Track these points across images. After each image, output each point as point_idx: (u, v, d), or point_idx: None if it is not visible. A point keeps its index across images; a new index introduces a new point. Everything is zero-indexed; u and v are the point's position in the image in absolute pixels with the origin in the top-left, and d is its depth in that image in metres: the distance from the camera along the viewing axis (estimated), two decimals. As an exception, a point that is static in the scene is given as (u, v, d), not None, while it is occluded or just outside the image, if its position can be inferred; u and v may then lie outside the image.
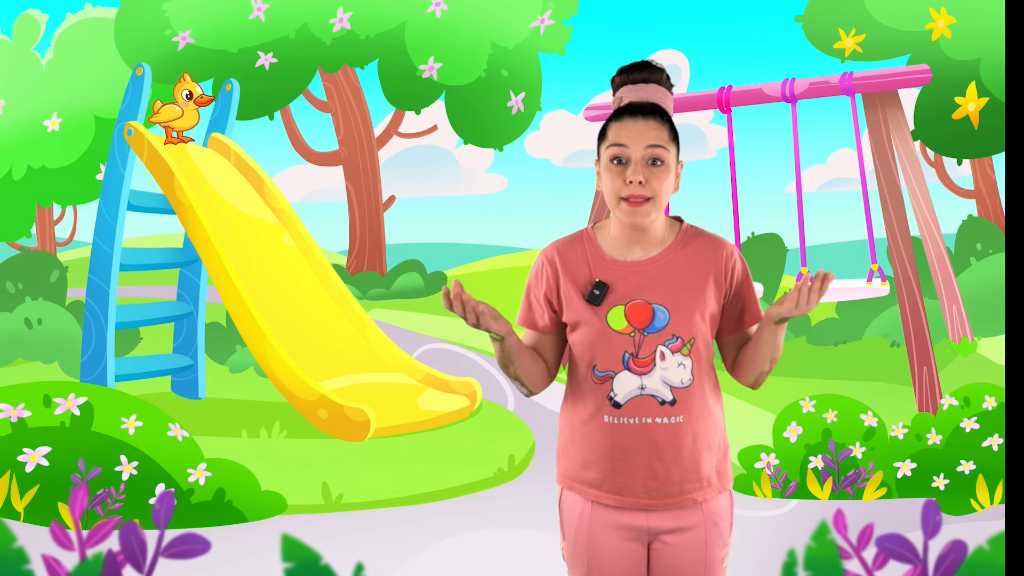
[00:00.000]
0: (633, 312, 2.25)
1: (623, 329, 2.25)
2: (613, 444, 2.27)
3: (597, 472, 2.30)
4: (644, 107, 2.27)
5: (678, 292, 2.26)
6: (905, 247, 6.20)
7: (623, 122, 2.25)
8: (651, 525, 2.31)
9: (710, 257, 2.31)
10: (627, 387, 2.24)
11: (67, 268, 9.26)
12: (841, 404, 5.25)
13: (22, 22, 11.38)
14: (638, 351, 2.24)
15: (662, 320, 2.24)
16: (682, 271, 2.28)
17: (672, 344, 2.24)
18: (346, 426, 6.38)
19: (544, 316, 2.35)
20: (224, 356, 8.42)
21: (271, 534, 4.68)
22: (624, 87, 2.34)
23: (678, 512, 2.30)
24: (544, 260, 2.36)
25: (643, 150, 2.22)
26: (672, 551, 2.31)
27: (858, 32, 8.26)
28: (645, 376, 2.24)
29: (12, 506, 4.76)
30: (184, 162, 7.37)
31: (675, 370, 2.24)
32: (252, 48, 10.69)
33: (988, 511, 4.93)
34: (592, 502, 2.32)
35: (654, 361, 2.24)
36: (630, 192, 2.22)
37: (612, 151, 2.24)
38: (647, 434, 2.25)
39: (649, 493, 2.28)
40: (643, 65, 2.35)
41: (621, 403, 2.25)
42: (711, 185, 8.89)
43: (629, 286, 2.26)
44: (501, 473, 5.69)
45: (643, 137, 2.23)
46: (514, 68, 11.46)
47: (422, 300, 11.83)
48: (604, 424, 2.27)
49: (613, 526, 2.31)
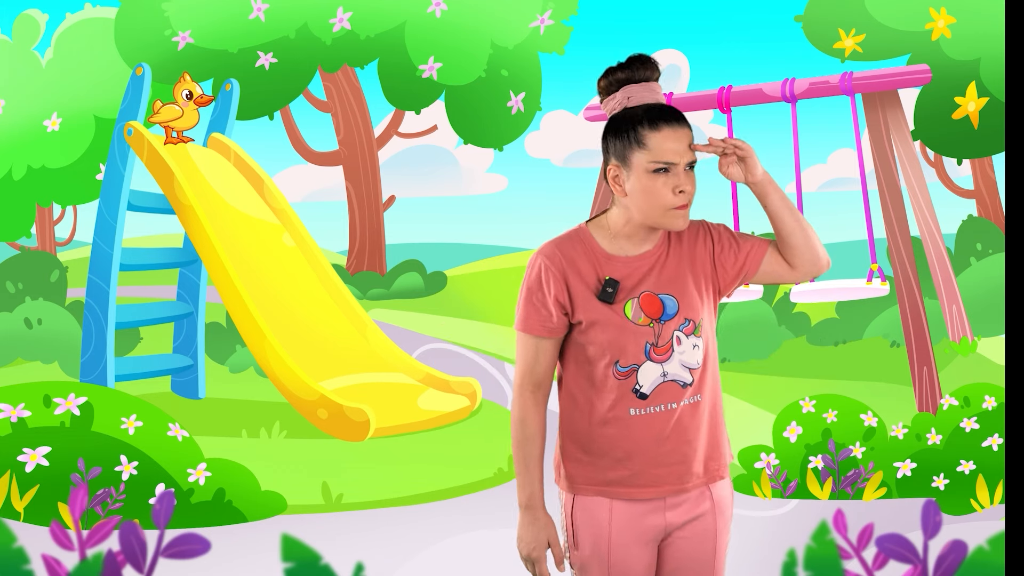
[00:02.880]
0: (647, 304, 2.29)
1: (643, 321, 2.28)
2: (643, 435, 2.29)
3: (626, 468, 2.29)
4: (676, 113, 2.27)
5: (681, 278, 2.31)
6: (905, 247, 6.20)
7: (663, 132, 2.23)
8: (668, 522, 2.33)
9: (691, 238, 2.35)
10: (651, 377, 2.28)
11: (67, 268, 9.26)
12: (841, 404, 5.25)
13: (22, 22, 11.37)
14: (658, 340, 2.28)
15: (672, 307, 2.29)
16: (676, 259, 2.32)
17: (685, 328, 2.30)
18: (346, 426, 6.38)
19: (552, 319, 2.30)
20: (224, 356, 8.42)
21: (271, 534, 4.68)
22: (631, 85, 2.29)
23: (691, 505, 2.34)
24: (546, 263, 2.30)
25: (686, 162, 2.25)
26: (683, 545, 2.34)
27: (858, 32, 8.26)
28: (666, 363, 2.28)
29: (12, 506, 4.76)
30: (184, 162, 7.37)
31: (691, 352, 2.30)
32: (252, 48, 10.69)
33: (988, 511, 4.93)
34: (613, 502, 2.30)
35: (672, 347, 2.29)
36: (680, 203, 2.24)
37: (657, 164, 2.23)
38: (674, 419, 2.29)
39: (680, 478, 2.31)
40: (645, 61, 2.31)
41: (647, 393, 2.28)
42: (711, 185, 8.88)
43: (633, 281, 2.29)
44: (501, 473, 5.70)
45: (684, 147, 2.24)
46: (514, 68, 11.45)
47: (422, 300, 11.82)
48: (631, 418, 2.28)
49: (633, 528, 2.31)
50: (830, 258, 2.38)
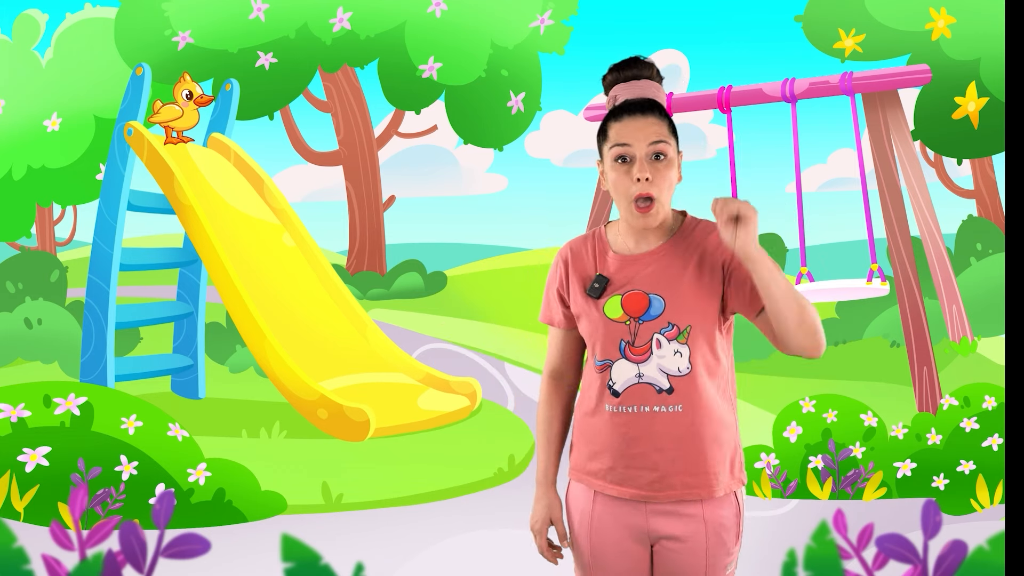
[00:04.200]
0: (629, 301, 2.28)
1: (619, 318, 2.27)
2: (614, 433, 2.29)
3: (600, 463, 2.32)
4: (642, 104, 2.27)
5: (675, 281, 2.27)
6: (905, 247, 6.20)
7: (623, 121, 2.26)
8: (651, 527, 2.30)
9: (704, 243, 2.30)
10: (625, 375, 2.27)
11: (67, 268, 9.25)
12: (841, 404, 5.25)
13: (22, 22, 11.37)
14: (634, 339, 2.26)
15: (658, 308, 2.26)
16: (681, 261, 2.29)
17: (668, 332, 2.25)
18: (346, 426, 6.38)
19: (559, 312, 2.42)
20: (224, 356, 8.42)
21: (271, 534, 4.68)
22: (617, 85, 2.36)
23: (679, 520, 2.28)
24: (559, 258, 2.42)
25: (646, 147, 2.24)
26: (674, 556, 2.31)
27: (858, 32, 8.26)
28: (642, 364, 2.26)
29: (12, 506, 4.76)
30: (184, 162, 7.37)
31: (672, 358, 2.25)
32: (252, 48, 10.69)
33: (988, 511, 4.93)
34: (596, 493, 2.33)
35: (651, 349, 2.25)
36: (640, 191, 2.23)
37: (616, 151, 2.25)
38: (646, 423, 2.26)
39: (651, 485, 2.27)
40: (633, 61, 2.36)
41: (620, 391, 2.27)
42: (711, 185, 8.89)
43: (627, 276, 2.30)
44: (501, 473, 5.70)
45: (645, 134, 2.24)
46: (514, 68, 11.46)
47: (422, 300, 11.82)
48: (606, 413, 2.30)
49: (615, 522, 2.32)
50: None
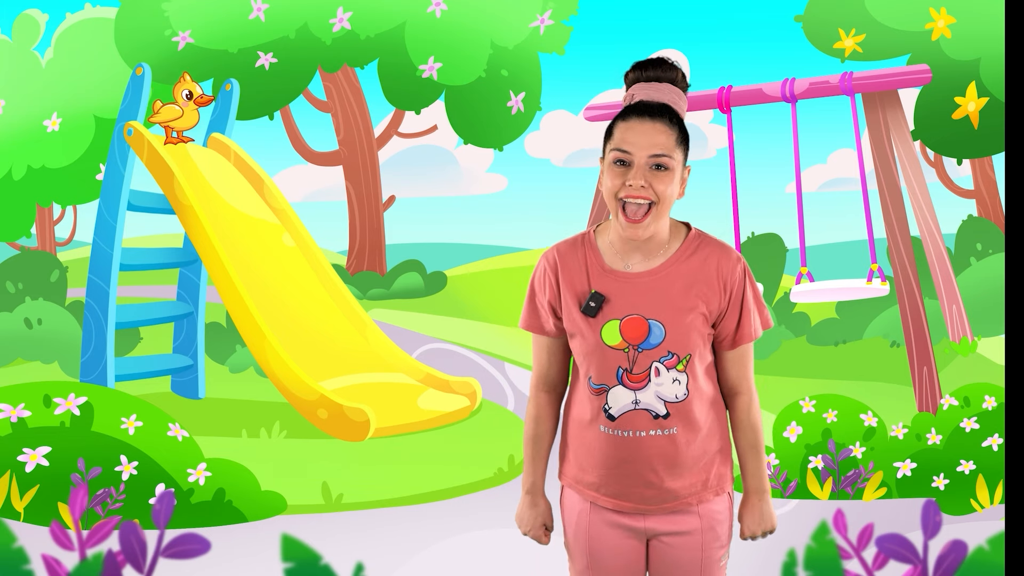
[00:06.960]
0: (628, 328, 2.19)
1: (617, 344, 2.20)
2: (608, 454, 2.25)
3: (594, 477, 2.30)
4: (653, 107, 2.17)
5: (677, 308, 2.19)
6: (905, 247, 6.20)
7: (630, 123, 2.16)
8: (648, 527, 2.31)
9: (714, 269, 2.22)
10: (621, 401, 2.22)
11: (67, 268, 9.25)
12: (841, 404, 5.25)
13: (22, 22, 11.37)
14: (632, 367, 2.20)
15: (658, 336, 2.18)
16: (684, 285, 2.21)
17: (668, 360, 2.19)
18: (346, 426, 6.38)
19: (549, 322, 2.31)
20: (224, 356, 8.42)
21: (271, 534, 4.68)
22: (637, 84, 2.25)
23: (675, 516, 2.29)
24: (546, 265, 2.30)
25: (647, 157, 2.14)
26: (670, 550, 2.31)
27: (858, 32, 8.26)
28: (640, 391, 2.20)
29: (12, 506, 4.76)
30: (184, 162, 7.37)
31: (670, 386, 2.20)
32: (252, 48, 10.69)
33: (988, 511, 4.93)
34: (591, 502, 2.32)
35: (649, 377, 2.20)
36: (628, 193, 2.14)
37: (616, 153, 2.16)
38: (640, 446, 2.23)
39: (645, 500, 2.27)
40: (657, 62, 2.25)
41: (616, 416, 2.23)
42: (711, 185, 8.89)
43: (626, 300, 2.20)
44: (501, 473, 5.70)
45: (649, 142, 2.14)
46: (514, 68, 11.45)
47: (422, 300, 11.82)
48: (600, 433, 2.25)
49: (611, 525, 2.31)
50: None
